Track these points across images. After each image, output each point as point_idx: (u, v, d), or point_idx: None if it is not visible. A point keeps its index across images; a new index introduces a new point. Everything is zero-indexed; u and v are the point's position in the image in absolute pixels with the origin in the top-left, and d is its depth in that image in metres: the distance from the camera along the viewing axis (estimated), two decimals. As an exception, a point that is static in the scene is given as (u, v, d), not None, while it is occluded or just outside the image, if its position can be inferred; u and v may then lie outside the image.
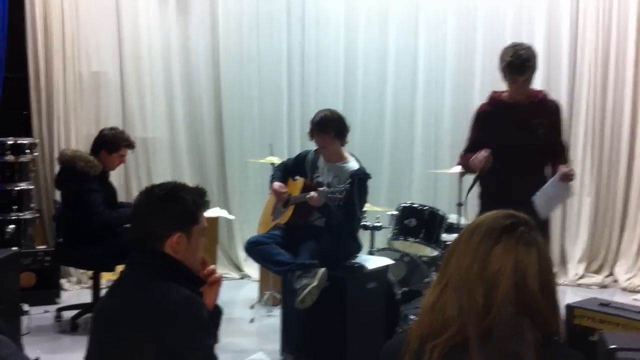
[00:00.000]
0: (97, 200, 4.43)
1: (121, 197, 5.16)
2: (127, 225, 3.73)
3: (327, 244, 3.84)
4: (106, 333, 1.85)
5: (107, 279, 4.96)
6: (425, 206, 4.60)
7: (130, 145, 4.72)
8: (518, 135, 3.57)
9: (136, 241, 1.94)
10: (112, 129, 4.75)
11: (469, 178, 3.90)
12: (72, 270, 5.62)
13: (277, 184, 4.06)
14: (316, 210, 3.92)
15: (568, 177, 3.53)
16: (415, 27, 6.11)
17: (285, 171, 4.22)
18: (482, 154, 3.50)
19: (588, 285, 5.83)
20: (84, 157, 4.50)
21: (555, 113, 3.70)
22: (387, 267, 4.07)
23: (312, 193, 3.75)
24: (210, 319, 1.94)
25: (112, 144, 4.60)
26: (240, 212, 6.22)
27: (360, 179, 3.91)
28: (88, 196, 4.40)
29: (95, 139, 4.69)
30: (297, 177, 4.16)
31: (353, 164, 4.01)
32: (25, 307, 4.55)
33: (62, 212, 4.64)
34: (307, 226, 4.00)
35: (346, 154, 4.07)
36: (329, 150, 3.98)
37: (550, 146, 3.65)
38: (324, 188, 3.75)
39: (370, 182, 4.03)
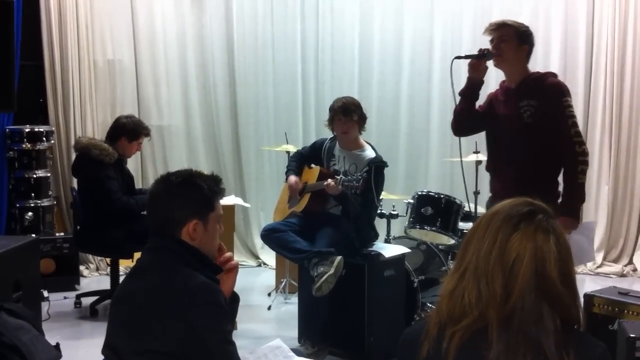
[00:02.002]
0: (114, 187, 4.46)
1: (137, 185, 5.19)
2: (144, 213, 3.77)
3: (344, 231, 3.84)
4: (131, 315, 1.86)
5: (125, 265, 5.00)
6: (442, 194, 4.57)
7: (148, 133, 4.76)
8: (507, 119, 3.34)
9: (155, 227, 1.95)
10: (128, 116, 4.77)
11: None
12: (90, 257, 5.68)
13: (292, 179, 4.06)
14: (333, 198, 3.92)
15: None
16: (431, 14, 6.04)
17: (301, 160, 4.22)
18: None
19: (607, 274, 5.78)
20: (99, 145, 4.53)
21: (551, 95, 3.24)
22: (404, 255, 4.06)
23: (330, 181, 3.75)
24: (228, 306, 1.95)
25: (133, 131, 4.62)
26: (257, 199, 6.24)
27: (377, 167, 3.91)
28: (105, 183, 4.43)
29: (113, 126, 4.70)
30: (313, 165, 4.16)
31: (370, 152, 4.01)
32: (45, 293, 4.61)
33: (79, 200, 4.68)
34: (323, 214, 4.00)
35: (363, 142, 4.07)
36: (350, 135, 3.98)
37: (543, 130, 3.20)
38: (340, 176, 3.75)
39: (386, 170, 4.03)
